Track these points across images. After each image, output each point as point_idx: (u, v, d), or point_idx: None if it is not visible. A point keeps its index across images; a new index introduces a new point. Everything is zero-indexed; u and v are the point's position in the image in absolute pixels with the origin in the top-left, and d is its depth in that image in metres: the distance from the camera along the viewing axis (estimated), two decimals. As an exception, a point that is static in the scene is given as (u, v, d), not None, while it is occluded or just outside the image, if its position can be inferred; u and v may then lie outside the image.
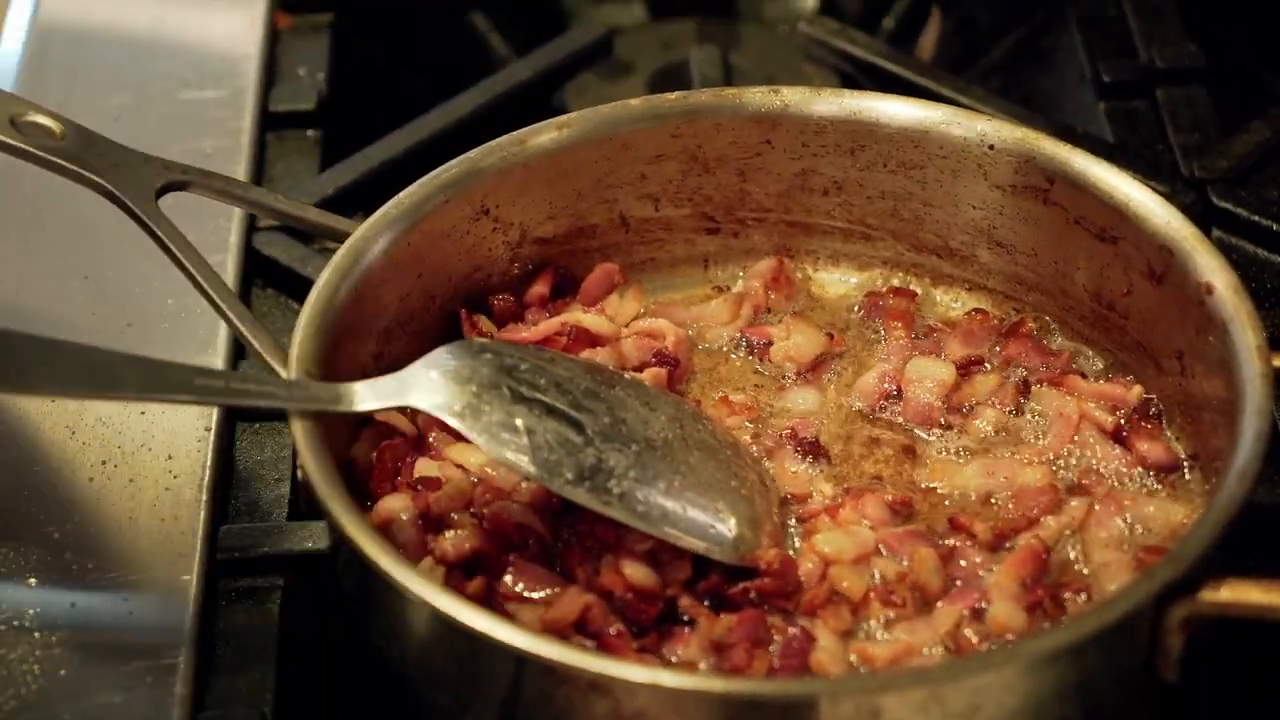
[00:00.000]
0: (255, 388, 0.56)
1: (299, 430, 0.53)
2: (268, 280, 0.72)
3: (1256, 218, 0.72)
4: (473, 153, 0.65)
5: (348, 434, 0.61)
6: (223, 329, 0.69)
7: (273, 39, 0.89)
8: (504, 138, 0.67)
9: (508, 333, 0.66)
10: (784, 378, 0.68)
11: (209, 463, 0.64)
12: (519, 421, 0.55)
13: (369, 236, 0.62)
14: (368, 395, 0.56)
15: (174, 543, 0.61)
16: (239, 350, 0.70)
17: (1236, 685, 0.60)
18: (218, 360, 0.69)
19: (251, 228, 0.76)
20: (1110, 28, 0.84)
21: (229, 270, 0.73)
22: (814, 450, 0.63)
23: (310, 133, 0.79)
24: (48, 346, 0.55)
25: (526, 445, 0.54)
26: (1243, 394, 0.57)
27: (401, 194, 0.64)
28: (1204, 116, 0.80)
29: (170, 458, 0.64)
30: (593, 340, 0.64)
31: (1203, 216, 0.74)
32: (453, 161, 0.65)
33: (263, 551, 0.62)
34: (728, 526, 0.57)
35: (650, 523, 0.56)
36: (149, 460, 0.63)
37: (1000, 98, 0.80)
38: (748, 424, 0.65)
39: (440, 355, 0.57)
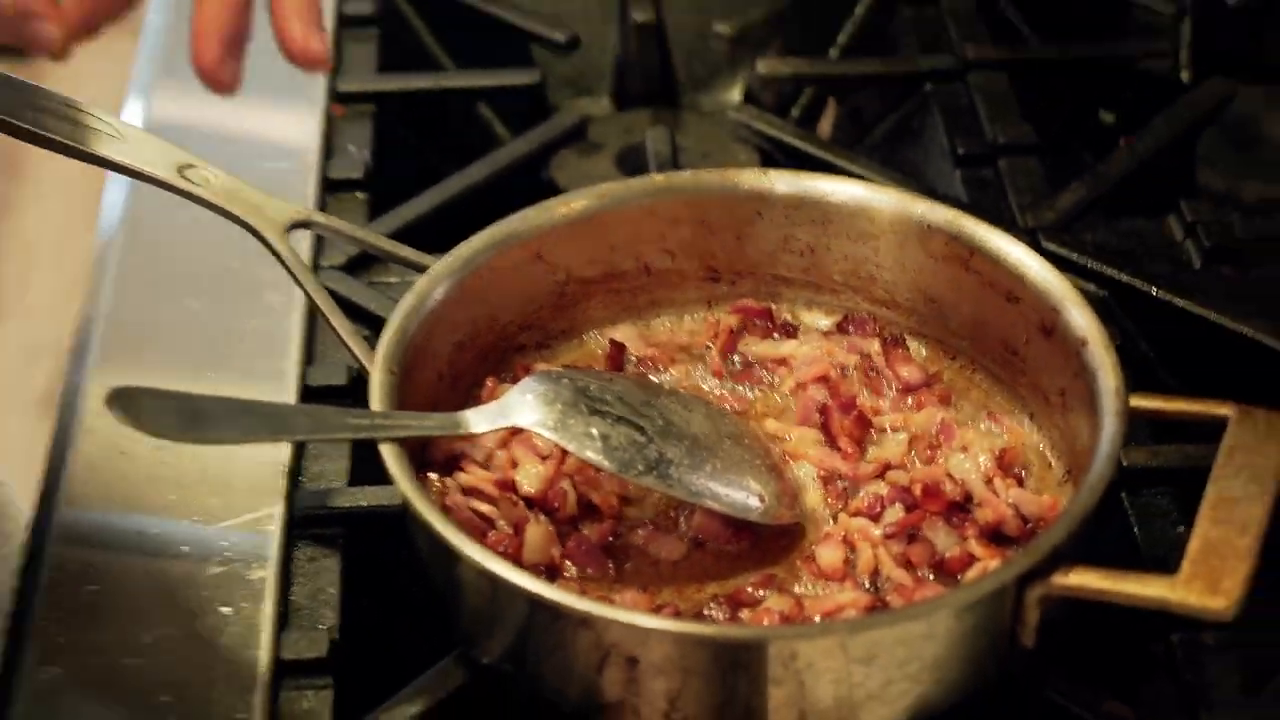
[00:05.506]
0: (392, 422, 0.58)
1: (388, 452, 0.55)
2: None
3: (1075, 256, 0.72)
4: (529, 210, 0.67)
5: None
6: (292, 352, 0.71)
7: (329, 124, 0.87)
8: (554, 199, 0.69)
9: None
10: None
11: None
12: (595, 430, 0.59)
13: (446, 271, 0.64)
14: (480, 420, 0.59)
15: (262, 501, 0.62)
16: (308, 359, 0.71)
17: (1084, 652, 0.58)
18: (292, 369, 0.71)
19: (315, 267, 0.74)
20: (964, 114, 0.85)
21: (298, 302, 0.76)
22: None
23: (359, 194, 0.80)
24: (234, 406, 0.58)
25: (602, 448, 0.58)
26: (1102, 426, 0.57)
27: (472, 238, 0.65)
28: (1036, 180, 0.81)
29: (257, 438, 0.65)
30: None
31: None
32: (514, 216, 0.67)
33: (329, 509, 0.64)
34: (757, 498, 0.60)
35: (701, 498, 0.59)
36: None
37: (883, 166, 0.81)
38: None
39: (529, 383, 0.60)
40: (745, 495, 0.57)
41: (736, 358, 0.66)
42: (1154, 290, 0.73)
